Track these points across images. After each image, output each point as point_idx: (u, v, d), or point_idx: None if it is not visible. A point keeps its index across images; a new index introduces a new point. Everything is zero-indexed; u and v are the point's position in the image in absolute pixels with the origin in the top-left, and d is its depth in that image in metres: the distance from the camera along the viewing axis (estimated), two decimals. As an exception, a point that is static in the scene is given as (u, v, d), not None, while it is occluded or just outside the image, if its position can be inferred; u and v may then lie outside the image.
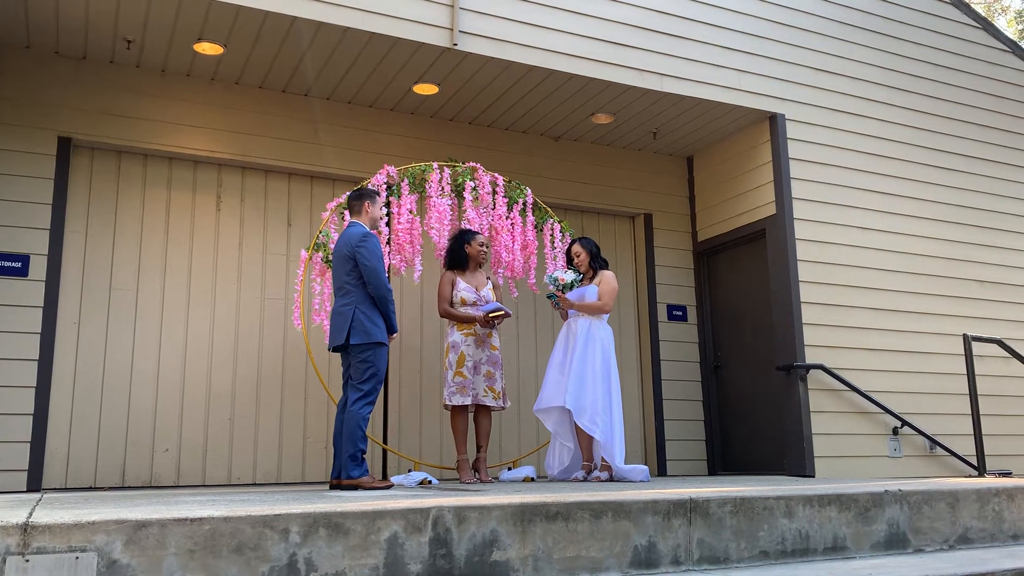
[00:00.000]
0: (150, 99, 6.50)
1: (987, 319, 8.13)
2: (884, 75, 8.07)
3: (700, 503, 3.49)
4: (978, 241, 8.27)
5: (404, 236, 6.15)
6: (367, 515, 2.90)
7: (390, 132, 7.24)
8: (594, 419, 5.83)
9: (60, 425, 6.01)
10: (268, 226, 6.87)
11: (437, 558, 2.98)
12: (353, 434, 4.94)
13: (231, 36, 6.03)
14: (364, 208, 5.35)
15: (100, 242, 6.34)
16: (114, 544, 2.56)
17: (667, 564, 3.37)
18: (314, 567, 2.79)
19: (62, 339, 6.09)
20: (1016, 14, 22.03)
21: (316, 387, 6.74)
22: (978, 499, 4.22)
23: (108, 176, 6.44)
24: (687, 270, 8.30)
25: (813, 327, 7.20)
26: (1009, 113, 8.75)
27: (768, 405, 7.49)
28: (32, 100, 6.14)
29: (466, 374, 5.85)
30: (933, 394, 7.67)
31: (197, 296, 6.55)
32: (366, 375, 5.02)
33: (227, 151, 6.66)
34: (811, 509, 3.74)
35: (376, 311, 5.10)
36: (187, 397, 6.39)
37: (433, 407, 7.10)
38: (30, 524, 2.49)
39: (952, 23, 8.59)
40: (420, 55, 6.29)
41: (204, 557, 2.66)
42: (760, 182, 7.56)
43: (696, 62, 7.09)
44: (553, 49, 6.49)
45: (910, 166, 8.05)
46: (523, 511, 3.15)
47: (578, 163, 7.98)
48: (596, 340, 6.01)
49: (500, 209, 6.52)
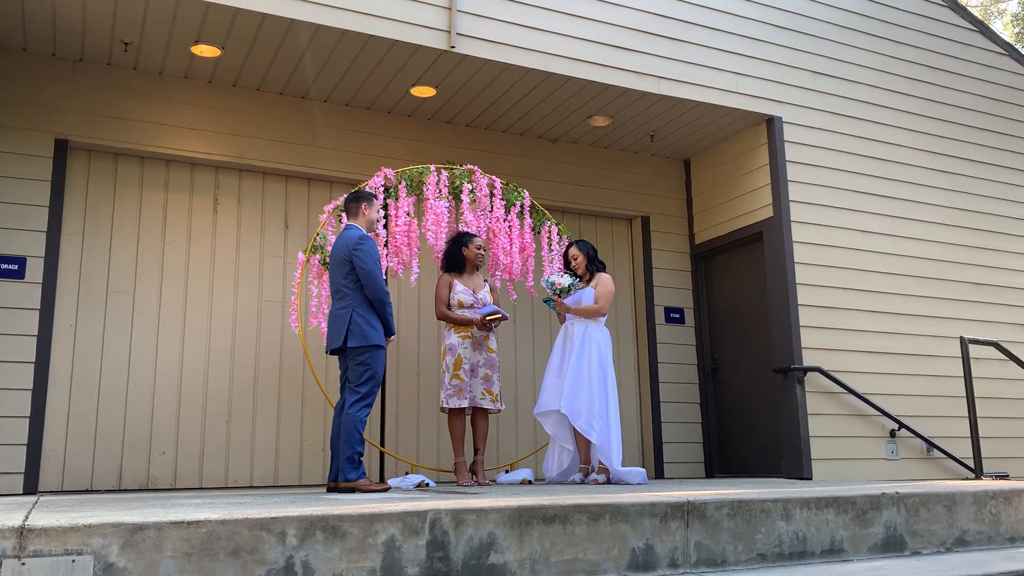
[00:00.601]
0: (147, 101, 6.49)
1: (984, 322, 8.14)
2: (881, 78, 8.09)
3: (697, 506, 3.49)
4: (975, 244, 8.29)
5: (401, 238, 6.14)
6: (364, 518, 2.90)
7: (387, 134, 7.24)
8: (590, 422, 5.82)
9: (56, 428, 6.00)
10: (265, 228, 6.86)
11: (434, 561, 2.98)
12: (350, 437, 4.93)
13: (229, 38, 6.03)
14: (361, 211, 5.35)
15: (97, 244, 6.33)
16: (110, 547, 2.56)
17: (664, 567, 3.37)
18: (311, 570, 2.79)
19: (59, 341, 6.08)
20: (1012, 17, 22.09)
21: (313, 389, 6.73)
22: (975, 502, 4.23)
23: (105, 178, 6.43)
24: (684, 273, 8.30)
25: (810, 329, 7.20)
26: (1006, 116, 8.77)
27: (765, 407, 7.49)
28: (29, 102, 6.13)
29: (463, 377, 5.84)
30: (930, 396, 7.67)
31: (194, 298, 6.54)
32: (363, 378, 5.01)
33: (224, 153, 6.66)
34: (808, 512, 3.74)
35: (373, 314, 5.10)
36: (184, 399, 6.38)
37: (430, 410, 7.09)
38: (26, 527, 2.48)
39: (948, 26, 8.61)
40: (418, 58, 6.29)
41: (201, 560, 2.65)
42: (757, 185, 7.56)
43: (694, 65, 7.10)
44: (551, 52, 6.50)
45: (907, 169, 8.07)
46: (520, 514, 3.15)
47: (576, 165, 7.98)
48: (593, 343, 6.01)
49: (498, 211, 6.53)
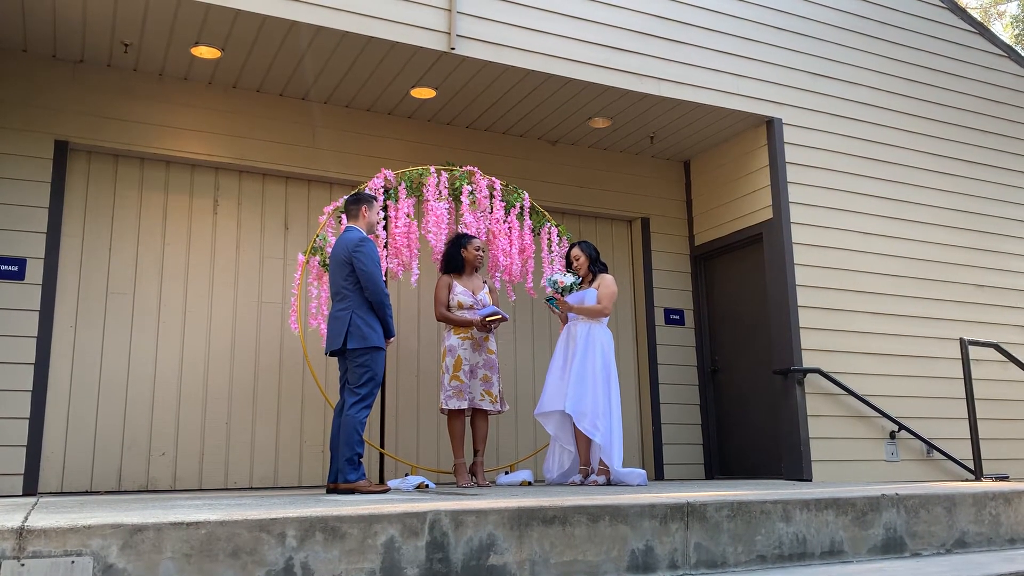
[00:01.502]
0: (147, 102, 6.49)
1: (984, 323, 8.14)
2: (880, 79, 8.09)
3: (697, 507, 3.49)
4: (975, 245, 8.29)
5: (401, 240, 6.15)
6: (364, 519, 2.90)
7: (387, 136, 7.24)
8: (595, 422, 5.83)
9: (56, 429, 6.00)
10: (265, 230, 6.86)
11: (434, 562, 2.98)
12: (350, 438, 4.93)
13: (229, 40, 6.03)
14: (361, 212, 5.35)
15: (97, 246, 6.33)
16: (110, 548, 2.56)
17: (664, 568, 3.37)
18: (311, 571, 2.79)
19: (58, 343, 6.08)
20: (1012, 19, 22.10)
21: (313, 391, 6.73)
22: (975, 503, 4.23)
23: (105, 180, 6.44)
24: (684, 274, 8.30)
25: (810, 331, 7.20)
26: (1005, 118, 8.78)
27: (765, 409, 7.49)
28: (29, 103, 6.13)
29: (463, 378, 5.84)
30: (930, 398, 7.67)
31: (194, 300, 6.54)
32: (363, 379, 5.01)
33: (224, 155, 6.66)
34: (808, 513, 3.74)
35: (373, 316, 5.10)
36: (183, 401, 6.38)
37: (430, 411, 7.09)
38: (26, 528, 2.48)
39: (948, 28, 8.61)
40: (418, 59, 6.29)
41: (200, 561, 2.65)
42: (757, 186, 7.57)
43: (693, 66, 7.10)
44: (550, 53, 6.50)
45: (907, 170, 8.07)
46: (520, 515, 3.15)
47: (575, 167, 7.99)
48: (596, 343, 6.01)
49: (497, 213, 6.53)
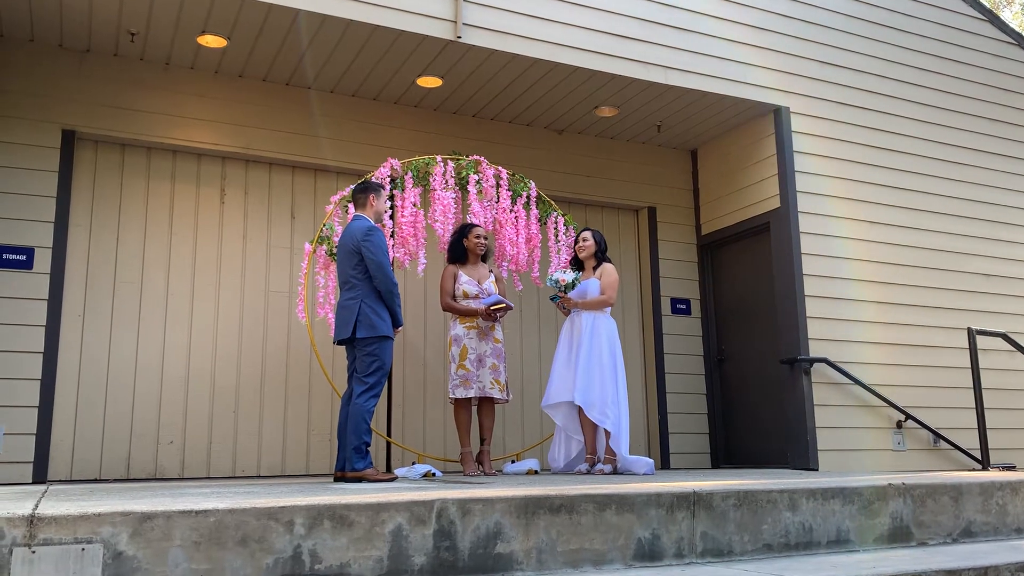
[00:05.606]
0: (154, 92, 6.50)
1: (992, 313, 8.11)
2: (888, 68, 8.04)
3: (704, 496, 3.49)
4: (983, 235, 8.25)
5: (408, 229, 6.15)
6: (371, 507, 2.91)
7: (394, 125, 7.23)
8: (604, 411, 5.86)
9: (65, 417, 6.03)
10: (272, 219, 6.87)
11: (441, 550, 2.99)
12: (358, 427, 4.95)
13: (235, 29, 6.03)
14: (369, 201, 5.35)
15: (104, 235, 6.34)
16: (120, 536, 2.57)
17: (670, 557, 3.37)
18: (319, 559, 2.80)
19: (67, 332, 6.11)
20: (1022, 6, 21.93)
21: (320, 380, 6.75)
22: (982, 493, 4.22)
23: (112, 169, 6.45)
24: (691, 263, 8.29)
25: (817, 320, 7.19)
26: (1014, 106, 8.72)
27: (772, 398, 7.48)
28: (36, 93, 6.14)
29: (469, 367, 5.85)
30: (937, 388, 7.65)
31: (201, 289, 6.56)
32: (371, 368, 5.02)
33: (231, 144, 6.66)
34: (815, 502, 3.74)
35: (382, 305, 5.11)
36: (191, 389, 6.41)
37: (437, 400, 7.11)
38: (36, 516, 2.50)
39: (957, 15, 8.55)
40: (424, 48, 6.28)
41: (209, 549, 2.67)
42: (764, 175, 7.54)
43: (700, 55, 7.07)
44: (557, 42, 6.48)
45: (914, 159, 8.03)
46: (527, 503, 3.15)
47: (582, 156, 7.97)
48: (601, 333, 6.02)
49: (504, 202, 6.52)
